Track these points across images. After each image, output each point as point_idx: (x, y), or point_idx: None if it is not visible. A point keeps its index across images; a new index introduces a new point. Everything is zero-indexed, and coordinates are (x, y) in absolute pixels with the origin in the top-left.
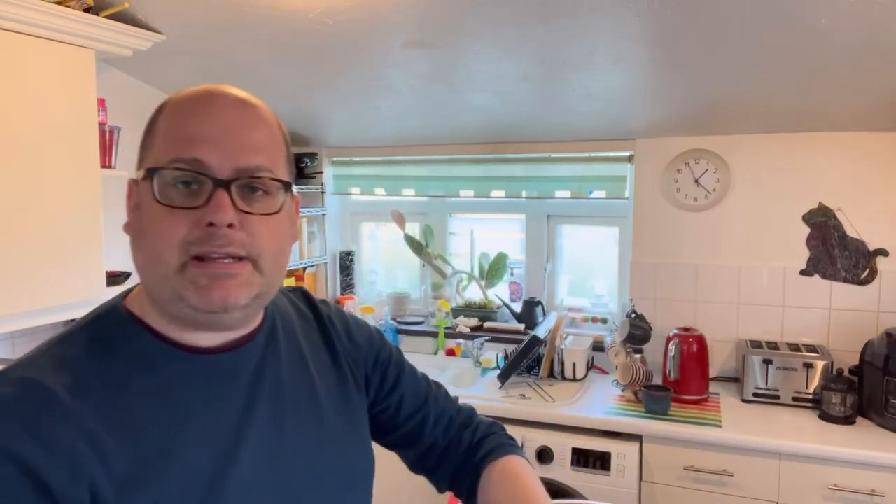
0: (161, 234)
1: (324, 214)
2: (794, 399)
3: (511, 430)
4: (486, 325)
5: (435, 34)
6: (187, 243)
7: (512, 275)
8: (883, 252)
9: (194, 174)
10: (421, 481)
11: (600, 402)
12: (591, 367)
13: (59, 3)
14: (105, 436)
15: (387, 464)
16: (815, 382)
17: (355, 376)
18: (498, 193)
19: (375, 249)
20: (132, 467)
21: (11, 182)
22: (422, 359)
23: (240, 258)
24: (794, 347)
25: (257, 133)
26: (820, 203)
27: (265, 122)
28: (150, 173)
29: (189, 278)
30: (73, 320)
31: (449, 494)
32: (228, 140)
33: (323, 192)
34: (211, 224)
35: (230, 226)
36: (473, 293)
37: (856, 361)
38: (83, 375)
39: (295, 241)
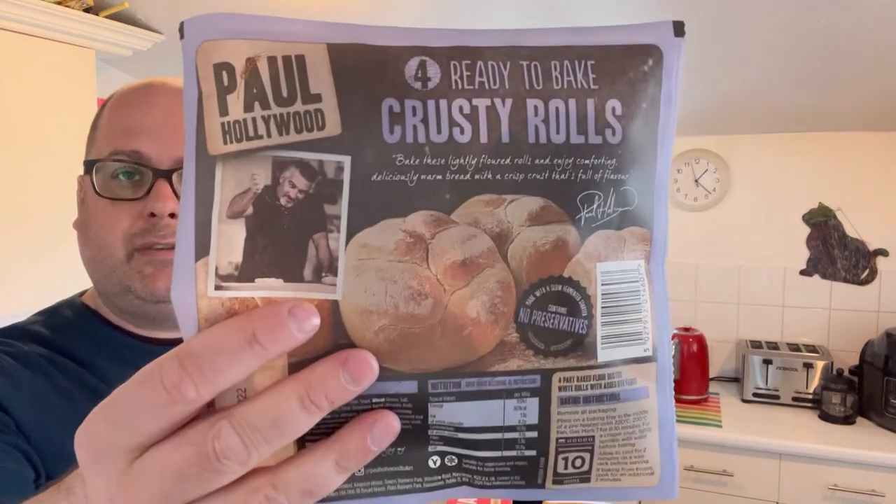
0: (104, 226)
1: None
2: (794, 399)
3: None
4: None
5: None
6: (131, 235)
7: None
8: (883, 252)
9: (134, 165)
10: None
11: None
12: None
13: (59, 3)
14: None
15: None
16: (815, 382)
17: None
18: None
19: None
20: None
21: (11, 182)
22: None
23: None
24: (794, 347)
25: None
26: (820, 203)
27: None
28: (90, 166)
29: (135, 268)
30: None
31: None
32: (167, 130)
33: None
34: (153, 214)
35: (172, 215)
36: None
37: (856, 361)
38: (37, 369)
39: None
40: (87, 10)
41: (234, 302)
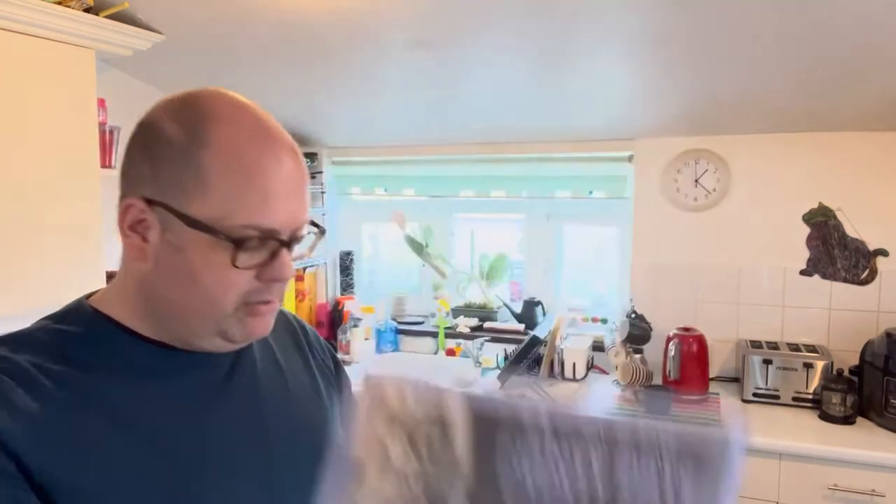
0: (224, 289)
1: (324, 215)
2: (794, 399)
3: None
4: (487, 325)
5: (435, 34)
6: (246, 294)
7: (512, 275)
8: (883, 252)
9: (271, 239)
10: None
11: (600, 403)
12: (591, 367)
13: (59, 3)
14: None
15: None
16: (815, 382)
17: (329, 382)
18: (498, 193)
19: (375, 249)
20: (107, 457)
21: (11, 182)
22: (422, 359)
23: None
24: (794, 347)
25: (307, 184)
26: (820, 203)
27: (307, 171)
28: (236, 244)
29: (237, 317)
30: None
31: None
32: (295, 203)
33: (323, 193)
34: (274, 279)
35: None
36: (473, 293)
37: (856, 361)
38: (46, 382)
39: None
40: (87, 10)
41: None
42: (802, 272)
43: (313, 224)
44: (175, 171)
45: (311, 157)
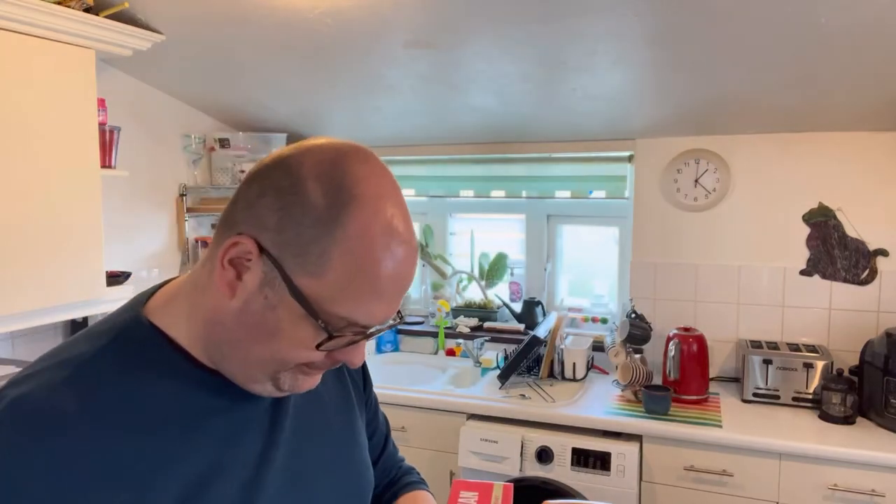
0: (296, 353)
1: None
2: (794, 399)
3: (511, 429)
4: (486, 325)
5: (435, 34)
6: (313, 362)
7: (512, 275)
8: (883, 252)
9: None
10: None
11: (600, 402)
12: (591, 367)
13: (59, 3)
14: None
15: None
16: (815, 382)
17: (357, 390)
18: (498, 193)
19: None
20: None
21: (11, 182)
22: (422, 359)
23: None
24: (794, 347)
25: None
26: (820, 203)
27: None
28: (329, 333)
29: (290, 373)
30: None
31: (453, 486)
32: (397, 302)
33: None
34: (344, 360)
35: None
36: (473, 293)
37: (856, 361)
38: (101, 401)
39: None
40: (87, 10)
41: None
42: (802, 272)
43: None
44: (303, 239)
45: None
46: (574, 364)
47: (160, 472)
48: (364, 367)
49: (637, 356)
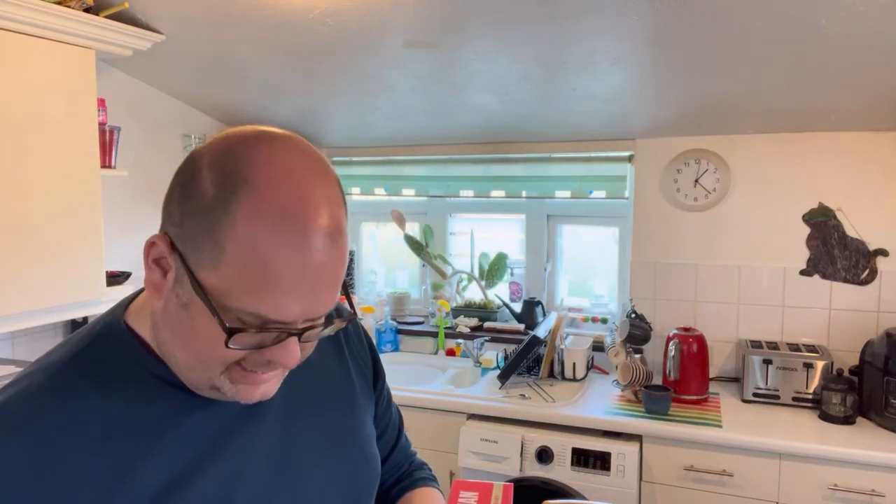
0: (218, 357)
1: None
2: (794, 399)
3: (511, 429)
4: (486, 325)
5: (435, 34)
6: (243, 364)
7: (512, 275)
8: (883, 252)
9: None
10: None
11: (600, 402)
12: (591, 367)
13: (59, 3)
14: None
15: None
16: (815, 382)
17: (365, 382)
18: (498, 193)
19: (375, 249)
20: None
21: (11, 182)
22: (422, 359)
23: None
24: (794, 347)
25: (339, 273)
26: (820, 203)
27: (345, 253)
28: (229, 331)
29: (232, 380)
30: (73, 321)
31: (453, 486)
32: (314, 298)
33: None
34: (274, 361)
35: None
36: (473, 293)
37: (856, 361)
38: (71, 408)
39: None
40: (87, 10)
41: None
42: (802, 272)
43: (348, 310)
44: (198, 229)
45: None
46: (574, 364)
47: (131, 474)
48: (376, 361)
49: (637, 356)
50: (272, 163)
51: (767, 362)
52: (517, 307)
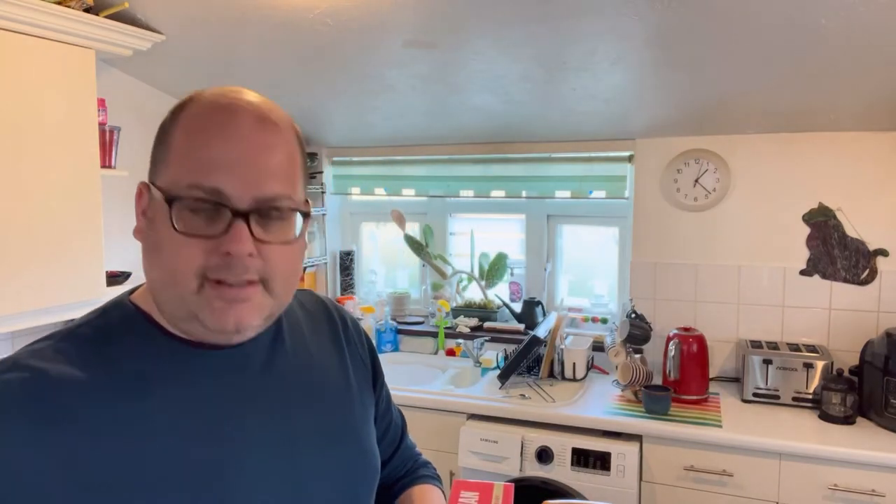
0: (178, 260)
1: (324, 214)
2: (794, 399)
3: (511, 429)
4: (486, 325)
5: (435, 34)
6: (205, 269)
7: (512, 275)
8: (883, 252)
9: (213, 204)
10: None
11: (600, 402)
12: (591, 367)
13: (59, 3)
14: (102, 438)
15: None
16: (815, 382)
17: (365, 380)
18: (498, 193)
19: (375, 249)
20: (127, 466)
21: (11, 182)
22: (422, 359)
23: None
24: (794, 347)
25: (277, 155)
26: (820, 203)
27: (284, 141)
28: (168, 200)
29: (205, 299)
30: (72, 321)
31: (453, 486)
32: (249, 167)
33: (323, 192)
34: (228, 253)
35: (248, 254)
36: (473, 293)
37: (856, 361)
38: (85, 373)
39: (304, 254)
40: (87, 10)
41: None
42: (802, 272)
43: (297, 209)
44: (156, 151)
45: (311, 156)
46: (574, 364)
47: (134, 435)
48: (375, 361)
49: (637, 356)
50: (221, 88)
51: (767, 362)
52: (517, 307)
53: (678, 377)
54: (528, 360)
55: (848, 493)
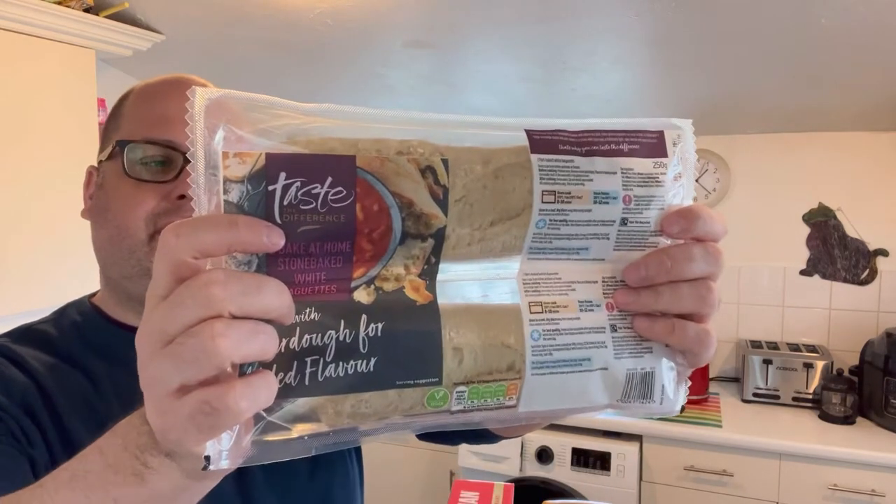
0: (128, 206)
1: None
2: (794, 399)
3: None
4: None
5: (435, 34)
6: (155, 215)
7: None
8: (883, 252)
9: (166, 151)
10: (422, 481)
11: None
12: None
13: (59, 3)
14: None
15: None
16: (815, 382)
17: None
18: None
19: None
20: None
21: (11, 182)
22: None
23: None
24: (794, 347)
25: None
26: (820, 203)
27: None
28: (121, 146)
29: (155, 249)
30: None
31: (453, 486)
32: (167, 124)
33: None
34: (181, 196)
35: None
36: None
37: (856, 361)
38: (42, 368)
39: None
40: (87, 10)
41: None
42: (802, 272)
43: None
44: (106, 130)
45: None
46: None
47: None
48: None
49: None
50: (174, 74)
51: (767, 362)
52: None
53: None
54: None
55: (848, 493)
